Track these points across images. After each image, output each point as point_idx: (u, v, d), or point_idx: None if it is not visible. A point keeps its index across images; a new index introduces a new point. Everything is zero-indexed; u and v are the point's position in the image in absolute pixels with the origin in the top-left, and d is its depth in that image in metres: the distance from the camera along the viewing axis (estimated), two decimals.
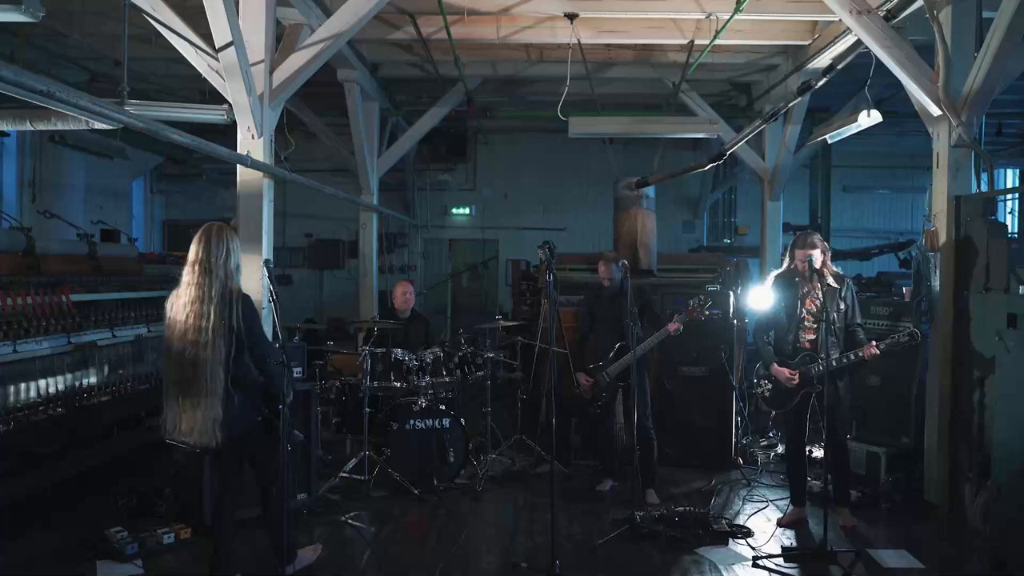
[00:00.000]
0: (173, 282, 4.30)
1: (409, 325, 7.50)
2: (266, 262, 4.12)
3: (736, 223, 14.89)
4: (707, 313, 6.07)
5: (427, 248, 14.84)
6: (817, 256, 5.50)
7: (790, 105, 7.18)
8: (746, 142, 9.75)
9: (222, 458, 4.43)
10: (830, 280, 5.56)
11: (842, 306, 5.54)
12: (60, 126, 5.67)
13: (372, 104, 10.03)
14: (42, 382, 5.82)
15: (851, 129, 7.76)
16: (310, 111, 10.94)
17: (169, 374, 4.17)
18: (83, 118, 4.62)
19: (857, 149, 13.89)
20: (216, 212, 13.62)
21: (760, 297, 7.97)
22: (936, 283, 6.05)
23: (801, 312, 5.62)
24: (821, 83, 6.43)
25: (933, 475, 6.02)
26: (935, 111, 6.00)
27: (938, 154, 6.13)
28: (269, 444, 4.43)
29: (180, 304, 4.13)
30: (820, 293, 5.40)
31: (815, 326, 5.55)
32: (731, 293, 7.54)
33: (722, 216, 15.04)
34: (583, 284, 8.21)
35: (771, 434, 7.96)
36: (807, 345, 5.59)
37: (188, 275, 4.16)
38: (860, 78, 9.95)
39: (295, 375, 5.69)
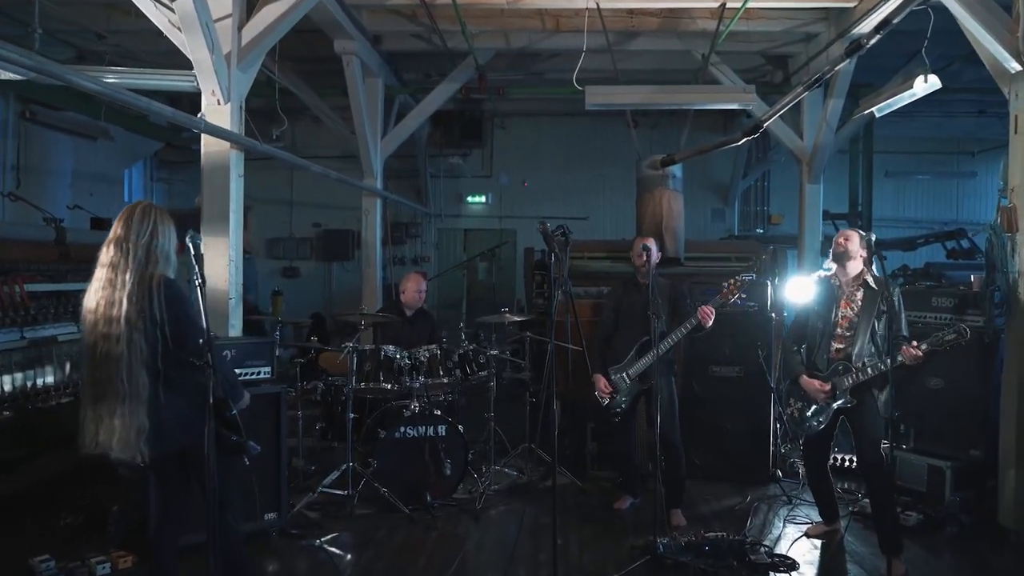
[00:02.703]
0: None
1: (413, 322, 6.71)
2: (191, 236, 3.34)
3: (769, 212, 14.00)
4: (743, 296, 5.24)
5: (441, 239, 14.03)
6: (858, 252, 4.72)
7: (836, 69, 6.31)
8: (783, 120, 8.90)
9: (160, 477, 3.71)
10: (869, 279, 4.77)
11: (883, 309, 4.69)
12: None
13: (375, 80, 9.25)
14: None
15: (903, 99, 6.91)
16: (313, 93, 10.21)
17: (83, 374, 3.46)
18: None
19: (899, 133, 13.01)
20: None
21: (798, 290, 7.19)
22: (1014, 270, 5.16)
23: (836, 317, 4.79)
24: (873, 41, 5.54)
25: (1009, 494, 5.09)
26: (1014, 66, 5.12)
27: (1016, 117, 5.24)
28: (219, 460, 3.68)
29: (91, 291, 3.40)
30: (860, 296, 4.70)
31: (849, 334, 4.75)
32: (768, 283, 6.68)
33: (754, 204, 14.16)
34: (602, 274, 7.42)
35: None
36: (837, 355, 4.80)
37: (102, 255, 3.43)
38: (907, 49, 9.14)
39: (261, 375, 4.92)
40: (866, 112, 7.91)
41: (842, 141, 9.71)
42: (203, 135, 5.11)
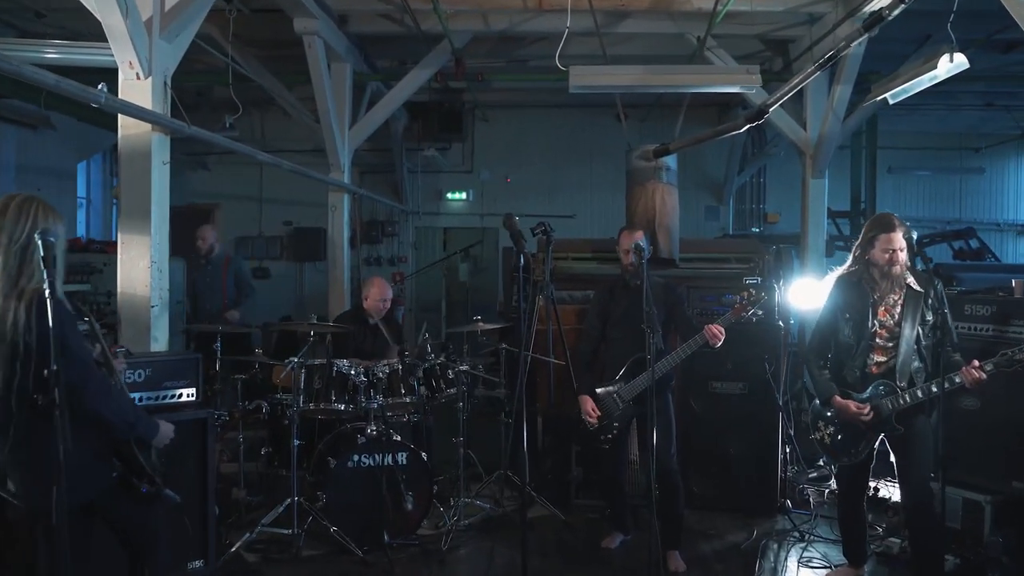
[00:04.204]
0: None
1: (377, 332, 5.95)
2: (42, 232, 2.57)
3: (765, 210, 13.30)
4: (760, 313, 4.53)
5: (419, 238, 13.25)
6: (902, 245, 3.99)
7: (852, 45, 5.55)
8: (784, 110, 8.19)
9: (48, 530, 2.94)
10: (911, 281, 4.02)
11: (929, 317, 4.01)
12: None
13: (343, 66, 8.48)
14: None
15: (922, 83, 6.22)
16: (276, 81, 9.46)
17: None
18: None
19: (901, 127, 12.39)
20: (186, 199, 12.18)
21: (805, 295, 6.48)
22: None
23: (872, 325, 4.06)
24: (897, 11, 4.81)
25: None
26: None
27: None
28: (134, 509, 3.06)
29: None
30: (899, 300, 3.99)
31: (890, 345, 4.02)
32: (775, 288, 5.96)
33: (749, 202, 13.45)
34: (588, 277, 6.70)
35: (821, 462, 6.36)
36: (876, 369, 4.07)
37: None
38: (915, 34, 8.49)
39: (184, 397, 4.15)
40: (879, 99, 7.21)
41: (846, 133, 9.02)
42: (120, 116, 4.35)
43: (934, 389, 3.81)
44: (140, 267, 4.43)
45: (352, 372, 4.96)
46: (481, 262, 12.54)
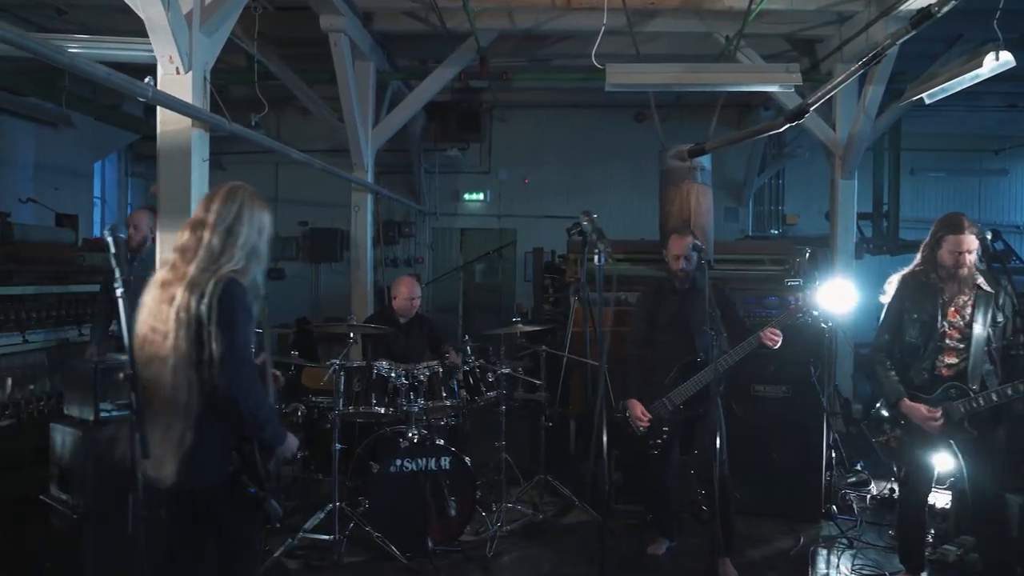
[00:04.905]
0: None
1: (408, 332, 5.85)
2: (111, 229, 2.48)
3: (784, 211, 13.19)
4: (814, 314, 4.44)
5: (436, 239, 13.13)
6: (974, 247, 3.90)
7: (898, 42, 5.47)
8: (814, 111, 8.09)
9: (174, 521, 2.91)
10: (981, 282, 3.93)
11: (999, 318, 3.92)
12: None
13: (366, 64, 8.38)
14: None
15: (964, 82, 6.08)
16: (298, 79, 9.35)
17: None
18: None
19: (920, 128, 12.23)
20: None
21: (839, 296, 6.37)
22: None
23: (942, 326, 3.96)
24: (948, 7, 4.71)
25: None
26: None
27: None
28: (238, 511, 2.92)
29: (154, 277, 2.89)
30: (969, 300, 3.91)
31: (961, 346, 3.92)
32: (816, 289, 5.85)
33: (768, 204, 13.35)
34: (621, 278, 6.61)
35: (859, 467, 6.25)
36: (946, 372, 3.96)
37: (176, 238, 2.95)
38: (944, 34, 8.39)
39: None
40: (914, 99, 7.10)
41: (877, 134, 8.92)
42: (160, 109, 4.25)
43: (1009, 392, 3.71)
44: None
45: (392, 375, 4.85)
46: (503, 262, 12.42)
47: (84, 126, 9.67)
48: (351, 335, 4.93)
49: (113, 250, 2.47)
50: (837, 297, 6.47)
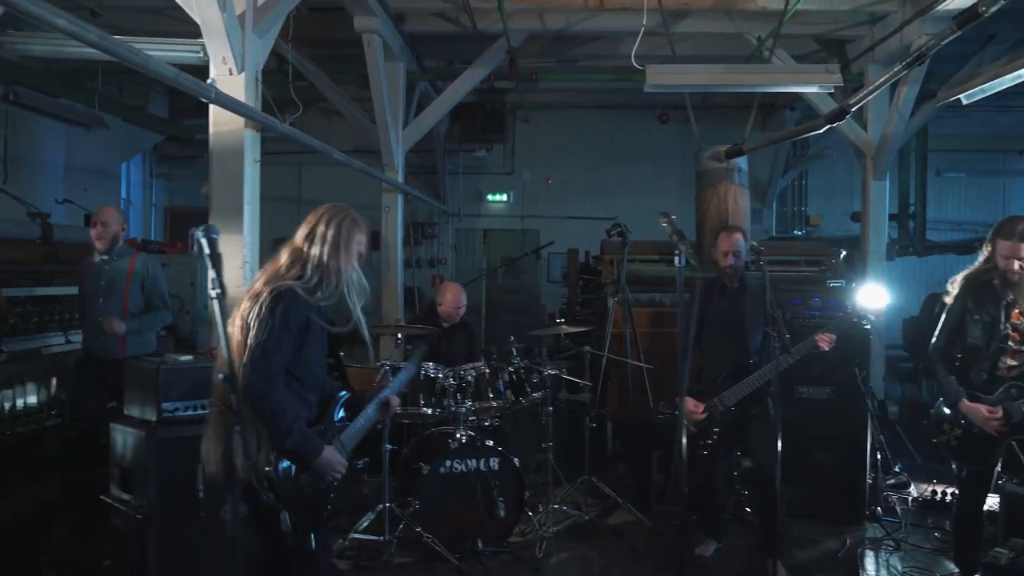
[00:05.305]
0: None
1: (452, 336, 5.85)
2: (205, 229, 2.47)
3: (807, 212, 13.15)
4: (872, 318, 4.44)
5: (459, 239, 13.13)
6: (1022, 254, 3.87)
7: (943, 42, 5.44)
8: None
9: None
10: None
11: None
12: None
13: (397, 65, 8.39)
14: None
15: (1005, 82, 6.09)
16: (328, 80, 9.35)
17: None
18: None
19: (945, 129, 12.15)
20: None
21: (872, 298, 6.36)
22: None
23: (1005, 327, 3.94)
24: (996, 7, 4.68)
25: None
26: None
27: None
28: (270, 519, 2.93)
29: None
30: None
31: (1023, 348, 3.89)
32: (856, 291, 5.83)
33: (791, 205, 13.31)
34: (656, 279, 6.62)
35: (898, 469, 6.22)
36: (1007, 373, 3.95)
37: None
38: (981, 33, 8.36)
39: None
40: (950, 100, 7.07)
41: (909, 134, 8.89)
42: (212, 109, 4.26)
43: None
44: (232, 267, 4.35)
45: (440, 375, 4.86)
46: (536, 262, 12.39)
47: (114, 127, 9.70)
48: (398, 336, 4.92)
49: (208, 251, 2.46)
50: (873, 299, 6.50)
